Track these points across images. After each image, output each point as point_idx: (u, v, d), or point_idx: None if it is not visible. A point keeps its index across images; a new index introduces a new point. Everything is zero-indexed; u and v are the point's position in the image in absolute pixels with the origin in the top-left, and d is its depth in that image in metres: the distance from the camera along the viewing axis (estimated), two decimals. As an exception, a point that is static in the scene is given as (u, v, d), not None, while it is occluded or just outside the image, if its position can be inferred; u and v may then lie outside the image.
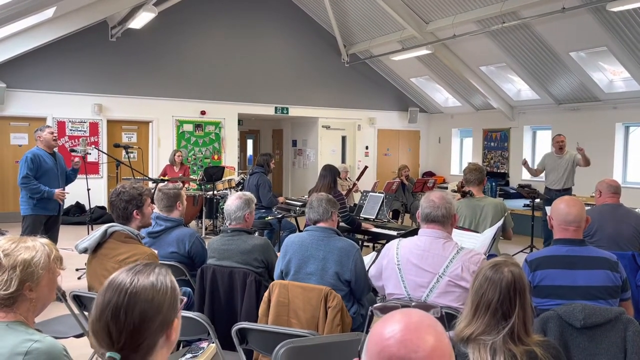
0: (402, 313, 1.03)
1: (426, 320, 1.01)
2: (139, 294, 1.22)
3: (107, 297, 1.22)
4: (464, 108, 13.02)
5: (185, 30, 11.19)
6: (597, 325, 2.35)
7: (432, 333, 0.98)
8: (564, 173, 7.56)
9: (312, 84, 12.65)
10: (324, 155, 12.68)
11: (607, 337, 2.37)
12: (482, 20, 9.32)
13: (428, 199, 2.80)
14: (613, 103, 9.85)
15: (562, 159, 7.59)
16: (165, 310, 1.23)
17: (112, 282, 1.25)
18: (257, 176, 6.43)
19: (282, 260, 3.20)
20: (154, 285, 1.24)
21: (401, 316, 1.01)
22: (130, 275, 1.25)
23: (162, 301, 1.24)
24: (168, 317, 1.24)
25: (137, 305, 1.20)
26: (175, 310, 1.27)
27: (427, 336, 0.96)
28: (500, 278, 1.83)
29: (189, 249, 3.54)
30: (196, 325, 2.53)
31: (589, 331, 2.36)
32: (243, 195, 3.43)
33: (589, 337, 2.37)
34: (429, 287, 2.63)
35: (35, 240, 1.71)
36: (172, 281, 1.29)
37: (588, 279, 2.56)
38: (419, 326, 0.98)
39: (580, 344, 2.38)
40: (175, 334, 1.27)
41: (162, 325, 1.23)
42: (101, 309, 1.22)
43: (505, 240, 6.53)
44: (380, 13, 10.74)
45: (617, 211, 4.17)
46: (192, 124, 11.45)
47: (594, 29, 8.34)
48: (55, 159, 5.44)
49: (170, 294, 1.26)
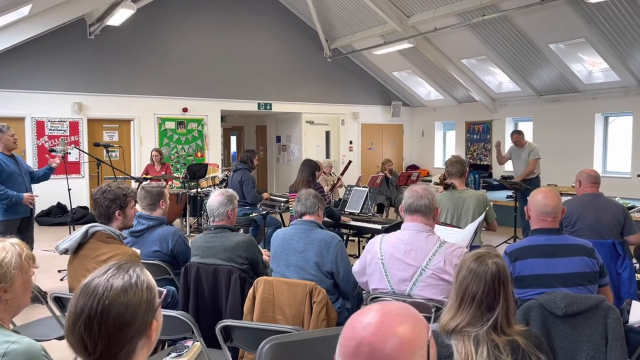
0: (380, 303, 1.04)
1: (402, 310, 1.01)
2: (113, 301, 1.16)
3: (80, 305, 1.17)
4: (446, 101, 13.09)
5: (165, 27, 11.07)
6: (578, 313, 2.38)
7: (406, 323, 0.98)
8: (524, 164, 7.98)
9: (295, 79, 12.61)
10: (308, 151, 12.66)
11: (588, 325, 2.40)
12: (463, 13, 9.36)
13: (411, 190, 2.81)
14: (592, 94, 9.98)
15: (523, 151, 8.01)
16: (142, 314, 1.19)
17: (84, 288, 1.20)
18: (240, 173, 6.40)
19: (272, 256, 3.26)
20: (127, 290, 1.19)
21: (378, 306, 1.02)
22: (103, 280, 1.20)
23: (138, 305, 1.19)
24: (146, 321, 1.20)
25: (110, 314, 1.15)
26: (153, 311, 1.23)
27: (400, 325, 0.97)
28: (484, 270, 1.84)
29: (172, 248, 3.51)
30: (180, 324, 2.51)
31: (571, 319, 2.39)
32: (225, 191, 3.41)
33: (570, 325, 2.40)
34: (412, 280, 2.65)
35: (4, 240, 1.68)
36: (147, 281, 1.24)
37: (567, 267, 2.60)
38: (393, 315, 0.99)
39: (562, 331, 2.41)
40: (155, 334, 1.23)
41: (141, 329, 1.19)
42: (73, 319, 1.17)
43: (489, 231, 6.61)
44: (361, 7, 10.74)
45: (597, 200, 4.23)
46: (174, 121, 11.35)
47: (573, 21, 8.43)
48: (16, 161, 5.23)
49: (146, 295, 1.21)
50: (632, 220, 4.24)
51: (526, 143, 8.07)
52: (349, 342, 0.97)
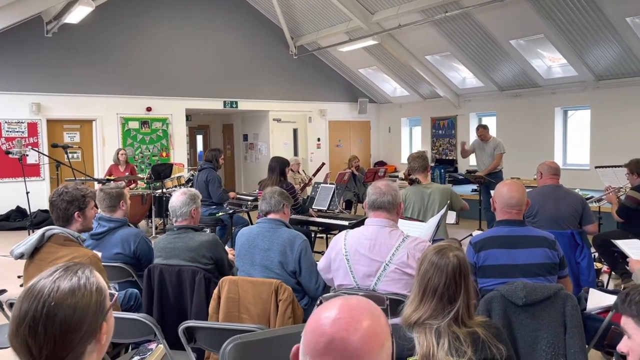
0: (342, 298, 1.04)
1: (366, 304, 1.01)
2: (59, 303, 1.11)
3: (24, 308, 1.12)
4: (411, 97, 13.22)
5: (127, 24, 10.83)
6: (537, 302, 2.44)
7: (373, 316, 0.98)
8: (489, 158, 8.14)
9: (260, 76, 12.52)
10: (275, 149, 12.60)
11: (547, 313, 2.46)
12: (426, 10, 9.46)
13: (375, 187, 2.83)
14: (552, 88, 10.23)
15: (487, 145, 8.18)
16: (90, 316, 1.14)
17: (29, 290, 1.15)
18: (206, 172, 6.32)
19: (236, 255, 3.22)
20: (75, 291, 1.14)
21: (340, 300, 1.02)
22: (49, 282, 1.15)
23: (87, 308, 1.14)
24: (95, 323, 1.15)
25: (57, 317, 1.10)
26: (103, 313, 1.18)
27: (368, 319, 0.97)
28: (446, 263, 1.86)
29: (135, 249, 3.45)
30: (143, 327, 2.46)
31: (531, 308, 2.45)
32: (188, 191, 3.37)
33: (530, 314, 2.45)
34: (377, 275, 2.66)
35: None
36: (97, 282, 1.20)
37: (528, 257, 2.65)
38: (354, 308, 0.98)
39: (522, 321, 2.46)
40: (106, 337, 1.19)
41: (90, 332, 1.14)
42: (17, 322, 1.11)
43: (455, 226, 6.70)
44: (325, 4, 10.74)
45: (557, 192, 4.34)
46: (138, 121, 11.13)
47: (532, 17, 8.62)
48: None
49: (95, 297, 1.17)
50: (590, 210, 4.36)
51: (491, 137, 8.25)
52: (318, 338, 0.95)
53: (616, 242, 3.64)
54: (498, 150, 8.05)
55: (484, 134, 8.22)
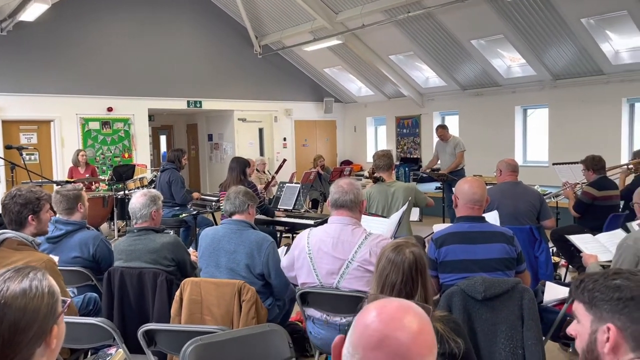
0: (401, 300, 1.07)
1: (412, 306, 1.04)
2: (9, 303, 1.11)
3: None
4: (376, 97, 13.33)
5: (86, 22, 10.54)
6: (496, 296, 2.49)
7: (425, 322, 1.01)
8: (450, 157, 8.33)
9: (225, 76, 12.39)
10: (241, 149, 12.50)
11: (506, 307, 2.51)
12: (389, 10, 9.55)
13: (337, 185, 2.84)
14: (512, 88, 10.48)
15: (447, 145, 8.35)
16: (41, 318, 1.13)
17: None
18: (168, 173, 6.21)
19: (199, 253, 3.15)
20: (26, 292, 1.13)
21: (411, 306, 1.04)
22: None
23: (37, 309, 1.13)
24: (45, 326, 1.14)
25: (6, 316, 1.10)
26: (54, 316, 1.17)
27: (420, 322, 0.99)
28: (402, 259, 1.88)
29: (94, 253, 3.36)
30: (101, 332, 2.40)
31: (490, 302, 2.50)
32: (148, 192, 3.30)
33: (489, 308, 2.51)
34: (340, 273, 2.67)
35: None
36: (49, 285, 1.18)
37: (487, 253, 2.71)
38: (418, 314, 1.01)
39: (482, 315, 2.51)
40: (56, 341, 1.17)
41: (39, 334, 1.13)
42: None
43: (419, 223, 6.78)
44: (289, 3, 10.71)
45: (516, 188, 4.45)
46: (98, 121, 10.86)
47: (492, 18, 8.80)
48: None
49: (47, 299, 1.16)
50: (547, 206, 4.49)
51: (450, 137, 8.40)
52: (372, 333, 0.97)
53: (570, 238, 3.75)
54: (459, 149, 8.22)
55: (443, 134, 8.39)
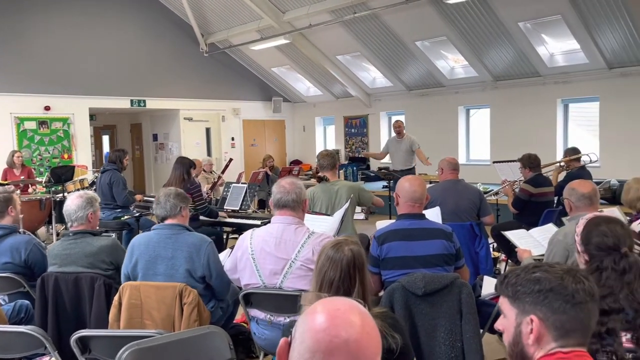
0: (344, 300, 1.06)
1: (356, 304, 1.04)
2: None
3: None
4: (325, 97, 13.39)
5: (23, 17, 10.05)
6: (436, 292, 2.55)
7: (369, 318, 1.02)
8: (404, 155, 8.27)
9: (170, 74, 12.12)
10: (187, 149, 12.25)
11: (445, 302, 2.58)
12: (336, 10, 9.61)
13: (279, 185, 2.82)
14: (455, 88, 10.78)
15: (402, 142, 8.29)
16: None
17: None
18: (109, 174, 6.00)
19: (129, 263, 2.96)
20: None
21: (352, 304, 1.04)
22: None
23: None
24: None
25: None
26: None
27: (370, 322, 1.00)
28: (340, 257, 1.89)
29: (26, 258, 3.22)
30: (32, 340, 2.29)
31: (430, 297, 2.56)
32: (84, 194, 3.17)
33: (429, 303, 2.57)
34: (283, 273, 2.66)
35: None
36: None
37: (427, 249, 2.77)
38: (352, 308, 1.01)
39: (422, 310, 2.57)
40: None
41: None
42: None
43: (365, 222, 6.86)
44: (236, 2, 10.59)
45: (457, 186, 4.57)
46: (35, 121, 10.37)
47: (435, 20, 9.02)
48: None
49: None
50: (487, 203, 4.64)
51: (405, 135, 8.43)
52: (331, 338, 0.96)
53: (505, 234, 3.88)
54: (415, 147, 8.19)
55: (401, 128, 8.32)
